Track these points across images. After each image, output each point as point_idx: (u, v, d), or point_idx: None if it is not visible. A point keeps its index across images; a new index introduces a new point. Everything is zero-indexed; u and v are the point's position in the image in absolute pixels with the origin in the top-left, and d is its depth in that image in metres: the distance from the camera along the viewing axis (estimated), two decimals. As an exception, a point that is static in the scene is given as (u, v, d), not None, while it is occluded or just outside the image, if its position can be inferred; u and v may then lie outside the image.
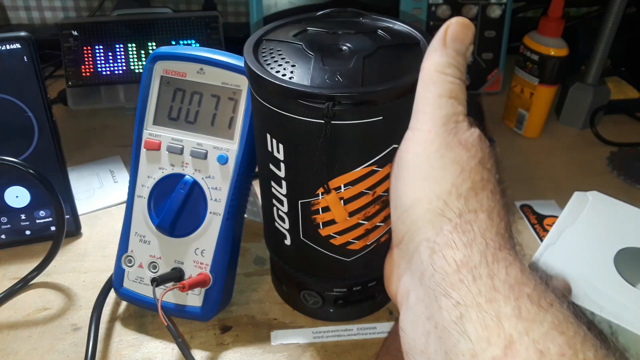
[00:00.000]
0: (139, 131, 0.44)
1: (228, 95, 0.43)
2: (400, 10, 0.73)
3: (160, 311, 0.40)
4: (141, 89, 0.44)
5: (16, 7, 0.93)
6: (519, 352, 0.23)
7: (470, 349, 0.25)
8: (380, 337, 0.45)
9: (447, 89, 0.30)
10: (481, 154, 0.30)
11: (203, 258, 0.44)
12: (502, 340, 0.24)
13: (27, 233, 0.54)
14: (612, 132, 0.73)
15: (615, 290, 0.44)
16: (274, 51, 0.36)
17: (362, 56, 0.35)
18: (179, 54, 0.43)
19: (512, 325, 0.24)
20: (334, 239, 0.39)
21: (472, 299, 0.25)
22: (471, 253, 0.27)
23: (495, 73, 0.79)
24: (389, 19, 0.40)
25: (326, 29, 0.39)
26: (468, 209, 0.28)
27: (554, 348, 0.23)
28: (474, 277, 0.26)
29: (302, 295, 0.45)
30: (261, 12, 0.72)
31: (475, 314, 0.25)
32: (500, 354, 0.24)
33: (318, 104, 0.32)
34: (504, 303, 0.25)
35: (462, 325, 0.25)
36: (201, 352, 0.44)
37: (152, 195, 0.44)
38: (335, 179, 0.36)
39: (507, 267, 0.26)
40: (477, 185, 0.29)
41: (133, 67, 0.72)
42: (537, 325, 0.24)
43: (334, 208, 0.37)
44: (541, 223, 0.58)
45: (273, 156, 0.37)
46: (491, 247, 0.27)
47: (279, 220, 0.40)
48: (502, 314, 0.24)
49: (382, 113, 0.33)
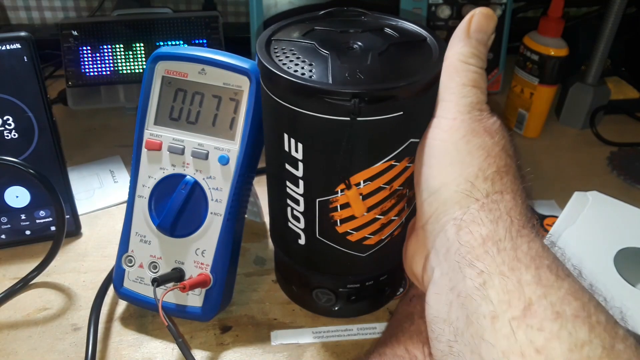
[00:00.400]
0: (140, 131, 0.44)
1: (229, 96, 0.43)
2: (400, 9, 0.73)
3: (160, 311, 0.40)
4: (142, 89, 0.44)
5: (16, 7, 0.93)
6: (537, 313, 0.25)
7: (492, 310, 0.26)
8: (380, 337, 0.45)
9: (471, 78, 0.32)
10: (504, 141, 0.31)
11: (204, 258, 0.44)
12: (522, 302, 0.26)
13: (27, 233, 0.54)
14: (612, 132, 0.73)
15: (615, 290, 0.44)
16: (286, 50, 0.37)
17: (376, 53, 0.35)
18: (180, 55, 0.43)
19: (531, 289, 0.26)
20: (350, 235, 0.39)
21: (495, 267, 0.27)
22: (497, 228, 0.29)
23: (495, 73, 0.79)
24: (392, 17, 0.41)
25: (333, 27, 0.39)
26: (494, 190, 0.30)
27: (569, 310, 0.25)
28: (499, 249, 0.28)
29: (314, 294, 0.45)
30: (261, 12, 0.72)
31: (498, 280, 0.27)
32: (520, 314, 0.26)
33: (343, 102, 0.32)
34: (525, 271, 0.27)
35: (484, 290, 0.27)
36: (201, 352, 0.44)
37: (153, 195, 0.44)
38: (355, 175, 0.36)
39: (529, 242, 0.28)
40: (501, 170, 0.31)
41: (133, 67, 0.72)
42: (555, 290, 0.26)
43: (354, 204, 0.37)
44: (541, 223, 0.58)
45: (290, 156, 0.37)
46: (515, 224, 0.29)
47: (293, 220, 0.40)
48: (523, 280, 0.26)
49: (403, 108, 0.33)
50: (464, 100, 0.32)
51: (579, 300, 0.26)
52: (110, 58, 0.72)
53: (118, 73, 0.72)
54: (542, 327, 0.25)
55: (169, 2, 0.92)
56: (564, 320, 0.25)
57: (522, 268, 0.27)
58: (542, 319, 0.25)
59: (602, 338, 0.25)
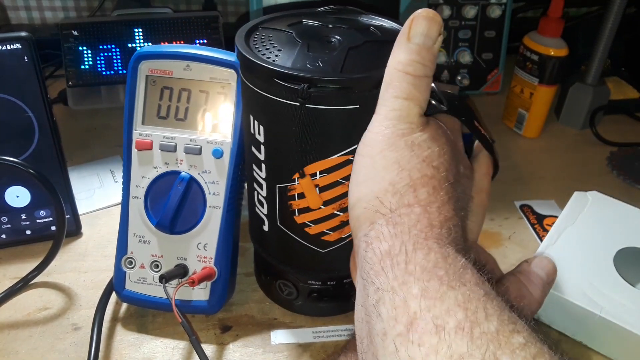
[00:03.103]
0: (129, 132, 0.44)
1: (217, 90, 0.43)
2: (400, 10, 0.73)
3: (174, 308, 0.40)
4: (127, 90, 0.44)
5: (16, 7, 0.93)
6: (418, 328, 0.25)
7: (382, 328, 0.26)
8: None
9: (404, 89, 0.31)
10: (428, 153, 0.30)
11: (206, 252, 0.44)
12: (406, 317, 0.25)
13: (28, 233, 0.54)
14: (612, 132, 0.73)
15: (614, 290, 0.44)
16: (265, 37, 0.38)
17: (347, 47, 0.36)
18: (163, 52, 0.43)
19: (416, 303, 0.25)
20: (308, 227, 0.39)
21: (387, 284, 0.27)
22: (394, 242, 0.28)
23: (495, 73, 0.79)
24: (386, 19, 0.41)
25: (321, 22, 0.40)
26: (402, 204, 0.29)
27: (452, 322, 0.24)
28: (392, 264, 0.27)
29: (277, 285, 0.45)
30: (261, 12, 0.72)
31: (388, 296, 0.27)
32: (404, 330, 0.25)
33: (294, 86, 0.33)
34: (414, 285, 0.26)
35: (378, 307, 0.27)
36: (201, 351, 0.44)
37: (148, 195, 0.44)
38: (311, 164, 0.36)
39: (426, 254, 0.27)
40: (416, 182, 0.30)
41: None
42: (440, 302, 0.25)
43: (309, 194, 0.37)
44: (541, 223, 0.58)
45: (255, 138, 0.38)
46: (416, 237, 0.28)
47: (258, 205, 0.41)
48: (410, 294, 0.26)
49: (359, 102, 0.34)
50: (392, 113, 0.31)
51: (468, 310, 0.25)
52: (111, 58, 0.72)
53: (118, 73, 0.73)
54: (422, 341, 0.24)
55: (169, 2, 0.92)
56: (444, 333, 0.24)
57: (411, 282, 0.26)
58: (422, 333, 0.24)
59: (485, 349, 0.23)
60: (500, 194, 0.61)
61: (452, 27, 0.74)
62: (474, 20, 0.75)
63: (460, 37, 0.75)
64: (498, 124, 0.76)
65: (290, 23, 0.39)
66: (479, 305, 0.25)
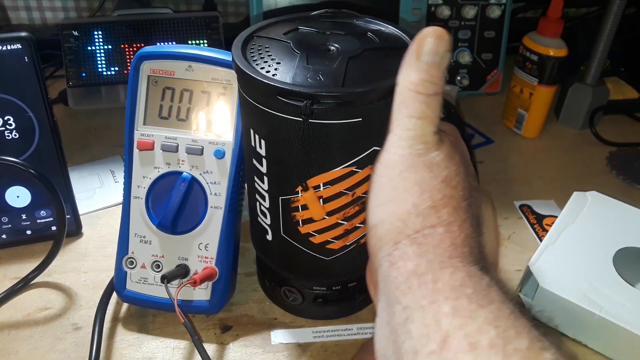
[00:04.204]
0: (130, 132, 0.44)
1: (219, 91, 0.43)
2: (400, 10, 0.73)
3: (177, 308, 0.40)
4: (129, 90, 0.44)
5: (17, 7, 0.93)
6: (452, 346, 0.25)
7: (412, 345, 0.26)
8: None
9: (417, 109, 0.31)
10: (446, 172, 0.31)
11: (207, 252, 0.44)
12: (439, 335, 0.26)
13: (28, 233, 0.54)
14: (611, 132, 0.73)
15: (614, 290, 0.44)
16: (262, 48, 0.37)
17: (346, 57, 0.35)
18: (165, 53, 0.43)
19: (448, 321, 0.26)
20: (313, 237, 0.39)
21: (416, 302, 0.27)
22: (420, 261, 0.29)
23: (494, 73, 0.79)
24: (382, 21, 0.40)
25: (317, 28, 0.39)
26: (426, 225, 0.30)
27: (485, 340, 0.25)
28: (420, 283, 0.28)
29: (282, 291, 0.45)
30: (261, 16, 0.72)
31: (418, 315, 0.27)
32: (437, 347, 0.26)
33: (297, 102, 0.32)
34: (444, 303, 0.27)
35: (406, 326, 0.27)
36: (202, 351, 0.44)
37: (150, 195, 0.45)
38: (314, 177, 0.36)
39: (452, 273, 0.28)
40: (438, 204, 0.30)
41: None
42: (472, 320, 0.26)
43: (312, 206, 0.37)
44: (540, 223, 0.58)
45: (256, 152, 0.37)
46: (441, 256, 0.29)
47: (261, 215, 0.41)
48: (440, 312, 0.26)
49: (362, 115, 0.33)
50: (407, 133, 0.31)
51: (499, 328, 0.25)
52: (111, 58, 0.72)
53: (118, 73, 0.73)
54: (457, 359, 0.25)
55: (169, 2, 0.93)
56: (478, 351, 0.25)
57: (440, 300, 0.27)
58: (456, 351, 0.25)
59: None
60: (500, 194, 0.62)
61: (452, 28, 0.74)
62: (473, 20, 0.75)
63: (459, 38, 0.75)
64: (498, 124, 0.76)
65: (285, 31, 0.39)
66: (508, 324, 0.26)
